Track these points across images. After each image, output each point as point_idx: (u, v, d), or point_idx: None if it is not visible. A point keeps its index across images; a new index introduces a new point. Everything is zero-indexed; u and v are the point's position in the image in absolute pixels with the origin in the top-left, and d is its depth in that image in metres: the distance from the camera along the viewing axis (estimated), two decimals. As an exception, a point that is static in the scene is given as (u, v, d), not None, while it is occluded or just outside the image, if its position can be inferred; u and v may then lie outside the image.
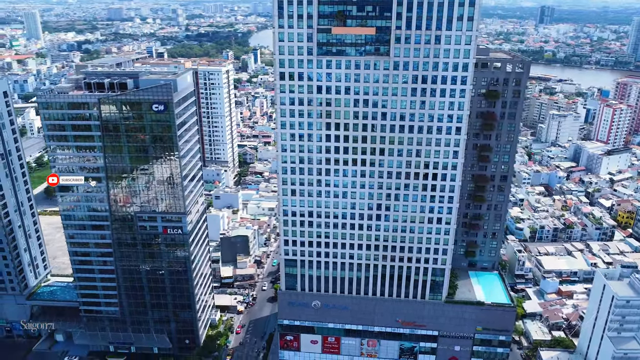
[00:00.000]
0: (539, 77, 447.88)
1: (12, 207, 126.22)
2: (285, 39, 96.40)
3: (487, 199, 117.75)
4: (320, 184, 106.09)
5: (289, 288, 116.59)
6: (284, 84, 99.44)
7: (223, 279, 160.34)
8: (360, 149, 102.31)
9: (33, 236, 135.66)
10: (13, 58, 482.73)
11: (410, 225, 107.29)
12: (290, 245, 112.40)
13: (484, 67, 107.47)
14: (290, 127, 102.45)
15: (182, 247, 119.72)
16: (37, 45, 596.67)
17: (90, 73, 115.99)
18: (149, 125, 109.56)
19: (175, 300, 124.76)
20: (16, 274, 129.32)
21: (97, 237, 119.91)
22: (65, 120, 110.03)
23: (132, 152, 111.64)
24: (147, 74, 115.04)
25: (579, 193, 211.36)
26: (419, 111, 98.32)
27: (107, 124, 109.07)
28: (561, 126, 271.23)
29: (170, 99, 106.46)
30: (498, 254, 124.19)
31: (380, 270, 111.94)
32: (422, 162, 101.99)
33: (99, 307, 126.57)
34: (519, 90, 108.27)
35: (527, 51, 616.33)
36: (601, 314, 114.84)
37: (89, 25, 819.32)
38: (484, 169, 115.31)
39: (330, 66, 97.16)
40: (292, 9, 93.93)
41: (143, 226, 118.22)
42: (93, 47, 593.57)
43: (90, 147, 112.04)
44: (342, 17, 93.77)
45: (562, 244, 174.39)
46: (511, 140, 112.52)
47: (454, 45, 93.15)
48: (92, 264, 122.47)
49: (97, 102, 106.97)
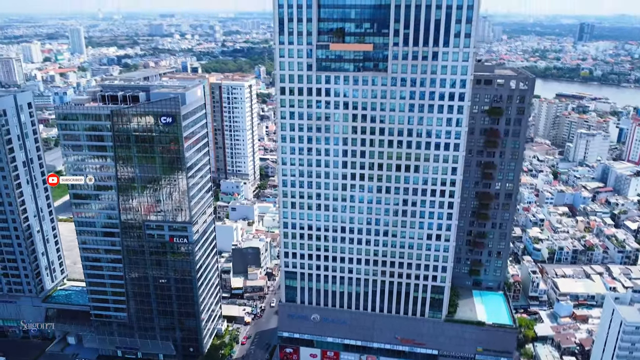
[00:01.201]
0: (573, 95, 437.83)
1: (32, 213, 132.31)
2: (285, 55, 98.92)
3: (491, 217, 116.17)
4: (319, 197, 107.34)
5: (289, 300, 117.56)
6: (284, 98, 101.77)
7: (233, 290, 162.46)
8: (359, 164, 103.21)
9: (51, 241, 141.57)
10: (56, 71, 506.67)
11: (409, 241, 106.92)
12: (290, 257, 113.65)
13: (488, 83, 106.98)
14: (291, 141, 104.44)
15: (188, 256, 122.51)
16: (80, 59, 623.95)
17: (107, 86, 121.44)
18: (157, 137, 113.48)
19: (181, 308, 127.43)
20: (33, 277, 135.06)
21: (107, 244, 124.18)
22: (80, 131, 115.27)
23: (141, 162, 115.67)
24: (159, 88, 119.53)
25: (603, 214, 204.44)
26: (417, 127, 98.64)
27: (118, 134, 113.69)
28: (589, 145, 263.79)
29: (177, 112, 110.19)
30: (503, 274, 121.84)
31: (380, 286, 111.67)
32: (421, 178, 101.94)
33: (109, 311, 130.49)
34: (523, 108, 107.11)
35: (562, 69, 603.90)
36: (610, 339, 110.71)
37: (131, 40, 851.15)
38: (487, 186, 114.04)
39: (329, 81, 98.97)
40: (292, 26, 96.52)
41: (151, 234, 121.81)
42: (132, 61, 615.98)
43: (102, 156, 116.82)
44: (340, 34, 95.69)
45: (581, 267, 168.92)
46: (516, 158, 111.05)
47: (452, 61, 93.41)
48: (103, 269, 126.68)
49: (110, 114, 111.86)
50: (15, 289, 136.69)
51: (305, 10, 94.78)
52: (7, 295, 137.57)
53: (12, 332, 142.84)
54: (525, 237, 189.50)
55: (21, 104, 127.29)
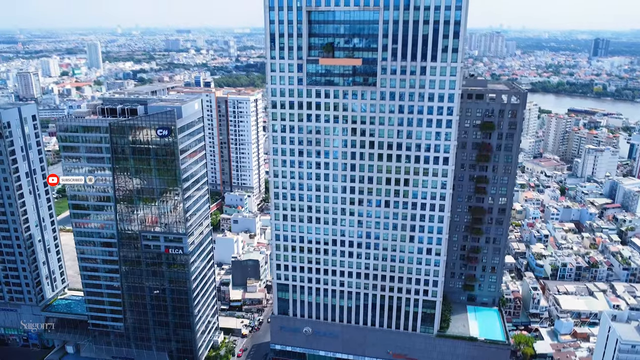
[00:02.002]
0: (585, 110, 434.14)
1: (34, 222, 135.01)
2: (277, 69, 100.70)
3: (485, 231, 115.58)
4: (311, 210, 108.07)
5: (281, 312, 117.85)
6: (275, 112, 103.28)
7: (232, 302, 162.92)
8: (349, 177, 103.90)
9: (53, 251, 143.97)
10: (72, 85, 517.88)
11: (400, 255, 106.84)
12: (282, 269, 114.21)
13: (479, 98, 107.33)
14: (282, 154, 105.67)
15: (183, 267, 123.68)
16: (97, 73, 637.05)
17: (107, 99, 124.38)
18: (153, 149, 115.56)
19: (176, 319, 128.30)
20: (33, 286, 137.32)
21: (105, 254, 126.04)
22: (80, 143, 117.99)
23: (138, 174, 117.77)
24: (157, 101, 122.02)
25: (610, 231, 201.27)
26: (407, 141, 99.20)
27: (116, 147, 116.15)
28: (597, 161, 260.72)
29: (173, 125, 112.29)
30: (498, 289, 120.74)
31: (371, 300, 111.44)
32: (411, 192, 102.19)
33: (105, 321, 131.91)
34: (515, 122, 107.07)
35: (576, 84, 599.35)
36: (607, 358, 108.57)
37: (147, 55, 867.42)
38: (480, 200, 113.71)
39: (319, 95, 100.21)
40: (283, 41, 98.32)
41: (147, 245, 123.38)
42: (147, 75, 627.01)
43: (100, 167, 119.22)
44: (330, 49, 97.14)
45: (585, 284, 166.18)
46: (509, 172, 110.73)
47: (440, 76, 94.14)
48: (100, 279, 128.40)
49: (108, 127, 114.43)
50: (16, 297, 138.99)
51: (295, 25, 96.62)
52: (9, 304, 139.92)
53: (13, 340, 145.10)
54: (528, 253, 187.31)
55: (25, 116, 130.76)
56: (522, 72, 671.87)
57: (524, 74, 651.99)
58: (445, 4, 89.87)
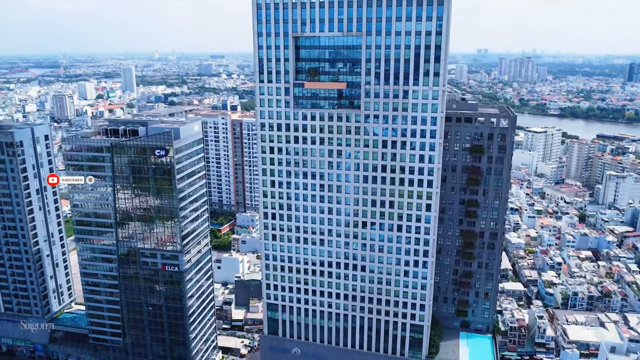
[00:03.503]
0: (615, 136, 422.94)
1: (42, 237, 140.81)
2: (265, 92, 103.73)
3: (477, 256, 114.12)
4: (298, 230, 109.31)
5: (271, 333, 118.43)
6: (264, 133, 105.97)
7: (233, 321, 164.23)
8: (335, 199, 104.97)
9: (61, 265, 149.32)
10: (106, 108, 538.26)
11: (387, 277, 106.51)
12: (271, 289, 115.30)
13: (468, 121, 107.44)
14: (271, 175, 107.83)
15: (179, 284, 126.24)
16: (130, 96, 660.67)
17: (112, 120, 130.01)
18: (152, 169, 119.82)
19: (172, 336, 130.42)
20: (40, 299, 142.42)
21: (105, 270, 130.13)
22: (83, 162, 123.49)
23: (137, 192, 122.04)
24: (158, 123, 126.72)
25: (628, 260, 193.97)
26: (390, 163, 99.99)
27: (117, 165, 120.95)
28: (619, 188, 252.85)
29: (170, 145, 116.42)
30: (492, 316, 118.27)
31: (359, 322, 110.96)
32: (396, 214, 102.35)
33: (106, 335, 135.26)
34: (505, 146, 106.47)
35: (606, 109, 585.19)
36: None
37: (180, 79, 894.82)
38: (472, 224, 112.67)
39: (306, 118, 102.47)
40: (271, 66, 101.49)
41: (145, 262, 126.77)
42: (178, 99, 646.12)
43: (102, 185, 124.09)
44: (315, 73, 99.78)
45: (596, 314, 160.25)
46: (499, 196, 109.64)
47: (422, 99, 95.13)
48: (101, 294, 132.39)
49: (110, 146, 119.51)
50: (24, 309, 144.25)
51: (282, 50, 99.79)
52: (17, 315, 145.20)
53: (20, 351, 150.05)
54: (539, 280, 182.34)
55: (38, 135, 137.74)
56: (552, 97, 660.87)
57: (553, 99, 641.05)
58: (425, 30, 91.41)
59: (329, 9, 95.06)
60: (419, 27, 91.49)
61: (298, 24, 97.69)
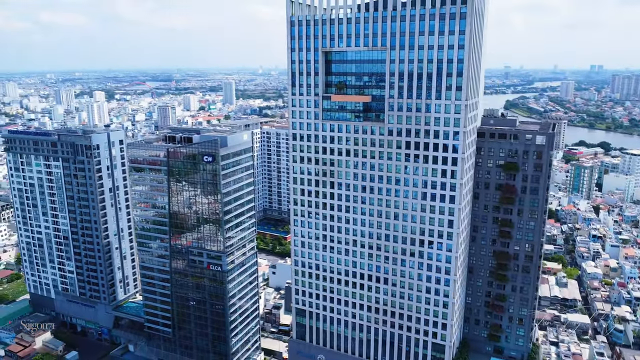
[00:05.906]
0: None
1: (112, 232, 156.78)
2: (297, 105, 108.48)
3: (510, 279, 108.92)
4: (325, 238, 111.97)
5: (299, 337, 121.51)
6: (295, 144, 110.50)
7: (281, 326, 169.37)
8: (360, 209, 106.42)
9: (128, 258, 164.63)
10: (204, 119, 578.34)
11: (409, 292, 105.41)
12: (300, 294, 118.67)
13: (502, 137, 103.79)
14: (301, 183, 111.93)
15: (222, 283, 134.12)
16: (229, 109, 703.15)
17: (173, 128, 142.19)
18: (200, 173, 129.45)
19: (214, 332, 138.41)
20: (107, 287, 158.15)
21: (160, 264, 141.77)
22: (144, 164, 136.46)
23: (187, 193, 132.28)
24: (211, 131, 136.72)
25: None
26: (413, 176, 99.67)
27: (172, 169, 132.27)
28: None
29: (217, 152, 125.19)
30: (527, 344, 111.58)
31: (381, 335, 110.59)
32: (418, 229, 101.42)
33: (158, 325, 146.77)
34: (541, 164, 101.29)
35: None
36: None
37: (277, 93, 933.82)
38: (505, 245, 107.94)
39: (333, 129, 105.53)
40: (302, 80, 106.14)
41: (193, 259, 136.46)
42: (271, 111, 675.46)
43: (159, 187, 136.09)
44: (342, 86, 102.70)
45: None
46: (535, 217, 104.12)
47: (444, 113, 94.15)
48: (155, 286, 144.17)
49: (165, 152, 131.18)
50: (94, 295, 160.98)
51: (313, 64, 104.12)
52: (89, 300, 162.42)
53: (91, 333, 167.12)
54: (610, 314, 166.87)
55: (114, 140, 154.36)
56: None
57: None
58: (448, 44, 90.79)
59: (356, 25, 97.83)
60: (441, 41, 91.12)
61: (327, 39, 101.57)
